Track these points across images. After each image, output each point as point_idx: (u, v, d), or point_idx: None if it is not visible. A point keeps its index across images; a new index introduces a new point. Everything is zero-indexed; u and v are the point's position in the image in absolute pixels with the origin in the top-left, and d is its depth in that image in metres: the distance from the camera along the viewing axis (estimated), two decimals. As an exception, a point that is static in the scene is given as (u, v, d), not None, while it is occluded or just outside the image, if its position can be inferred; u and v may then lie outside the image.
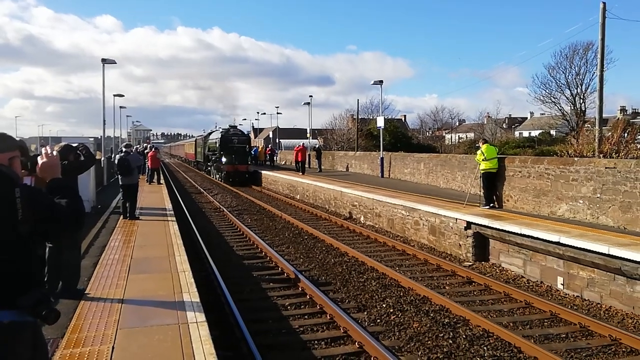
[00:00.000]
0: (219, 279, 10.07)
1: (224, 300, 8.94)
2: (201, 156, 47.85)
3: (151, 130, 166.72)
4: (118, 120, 55.07)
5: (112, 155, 29.84)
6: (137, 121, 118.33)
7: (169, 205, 17.51)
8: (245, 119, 44.07)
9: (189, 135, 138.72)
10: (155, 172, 26.80)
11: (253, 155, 42.89)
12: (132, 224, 13.35)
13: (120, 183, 14.31)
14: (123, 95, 42.81)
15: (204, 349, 5.03)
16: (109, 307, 6.59)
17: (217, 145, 36.84)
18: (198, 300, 6.76)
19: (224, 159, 34.77)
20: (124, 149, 14.89)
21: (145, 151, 28.76)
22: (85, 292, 7.28)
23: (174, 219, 14.28)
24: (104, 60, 27.18)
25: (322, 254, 13.01)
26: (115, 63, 27.91)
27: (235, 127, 38.99)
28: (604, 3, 22.21)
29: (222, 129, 40.24)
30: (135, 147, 29.78)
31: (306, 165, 34.15)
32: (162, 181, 27.07)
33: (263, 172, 35.09)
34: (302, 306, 8.97)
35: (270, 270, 11.42)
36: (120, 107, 54.32)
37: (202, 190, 30.98)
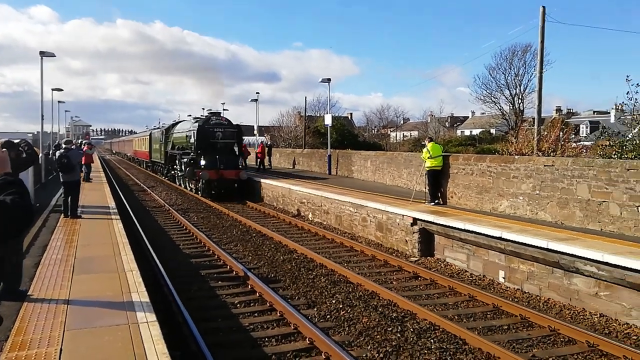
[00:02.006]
0: (166, 278, 9.90)
1: (171, 299, 8.82)
2: (161, 156, 34.72)
3: (91, 125, 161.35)
4: (56, 115, 52.93)
5: (51, 152, 28.81)
6: (76, 116, 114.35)
7: (112, 203, 17.04)
8: (190, 115, 41.59)
9: (132, 131, 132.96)
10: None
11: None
12: (74, 223, 12.92)
13: (62, 180, 13.84)
14: (62, 90, 41.21)
15: (156, 349, 4.95)
16: (54, 309, 6.37)
17: (191, 141, 25.41)
18: (148, 299, 6.62)
19: (202, 162, 23.68)
20: (63, 146, 14.40)
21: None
22: (28, 293, 7.02)
23: (117, 217, 13.90)
24: (42, 53, 26.18)
25: (271, 252, 12.99)
26: (55, 56, 26.94)
27: (217, 113, 26.45)
28: (544, 7, 23.09)
29: (197, 118, 28.90)
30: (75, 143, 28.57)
31: (252, 163, 33.87)
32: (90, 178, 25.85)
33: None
34: (252, 304, 8.94)
35: (218, 269, 11.31)
36: (59, 101, 52.36)
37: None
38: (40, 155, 25.76)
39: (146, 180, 36.11)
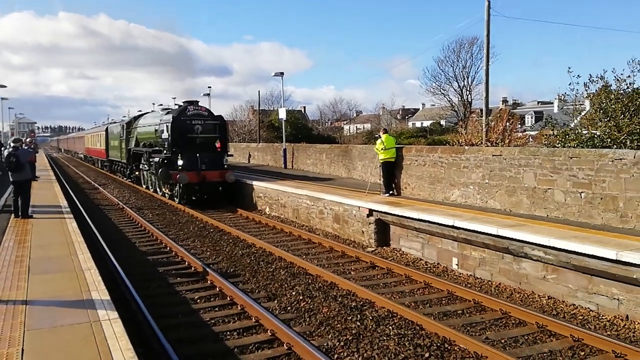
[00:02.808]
0: (123, 276, 9.82)
1: (130, 297, 8.76)
2: (121, 154, 29.92)
3: (36, 122, 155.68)
4: (-1, 112, 50.99)
5: (-4, 151, 27.76)
6: (20, 113, 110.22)
7: (63, 202, 16.65)
8: (140, 111, 40.41)
9: (80, 128, 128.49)
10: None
11: None
12: (26, 223, 12.59)
13: (11, 179, 13.45)
14: (5, 86, 39.76)
15: (120, 345, 4.97)
16: (12, 309, 6.28)
17: (164, 136, 21.40)
18: (108, 297, 6.60)
19: (180, 162, 19.82)
20: (12, 144, 13.98)
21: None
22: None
23: (71, 216, 13.62)
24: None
25: (229, 247, 13.02)
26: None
27: (195, 102, 21.82)
28: (489, 1, 23.75)
29: (168, 108, 25.62)
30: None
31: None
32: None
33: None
34: (212, 299, 8.99)
35: (177, 265, 11.27)
36: (2, 98, 50.45)
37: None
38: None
39: (102, 180, 35.16)
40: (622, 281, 7.82)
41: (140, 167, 25.61)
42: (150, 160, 22.64)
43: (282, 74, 31.52)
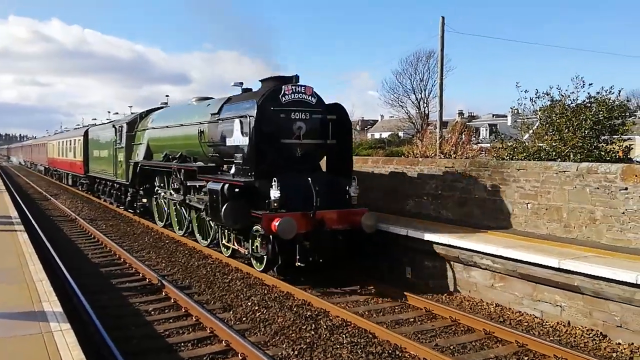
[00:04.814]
0: (74, 287, 9.67)
1: (81, 309, 8.64)
2: (116, 169, 20.29)
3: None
4: (-55, 119, 48.80)
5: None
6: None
7: (14, 212, 16.22)
8: (95, 119, 38.12)
9: (31, 136, 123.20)
10: None
11: None
12: (-28, 235, 12.22)
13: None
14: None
15: (72, 355, 4.95)
16: (-42, 322, 6.13)
17: (233, 141, 11.28)
18: (60, 308, 6.53)
19: (275, 192, 9.92)
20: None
21: None
22: None
23: (21, 227, 13.29)
24: None
25: (185, 258, 12.93)
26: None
27: (292, 78, 11.20)
28: (443, 17, 24.58)
29: (208, 97, 15.35)
30: None
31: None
32: None
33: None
34: (167, 310, 8.95)
35: (131, 277, 11.15)
36: (-52, 105, 48.39)
37: None
38: None
39: (54, 191, 34.10)
40: (564, 288, 8.18)
41: (157, 192, 16.95)
42: (192, 185, 13.36)
43: (241, 83, 31.29)
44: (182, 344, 7.43)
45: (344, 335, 7.73)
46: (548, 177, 10.33)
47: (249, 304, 9.22)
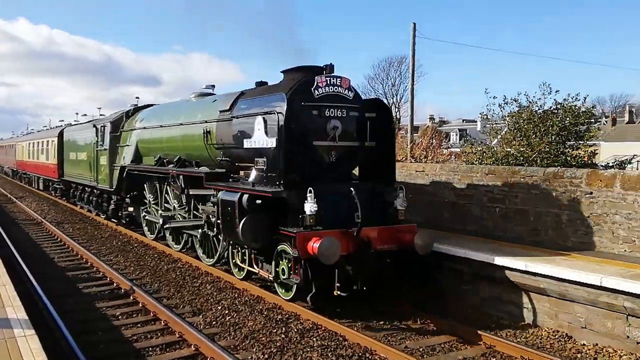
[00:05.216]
0: (39, 291, 9.46)
1: (47, 315, 8.46)
2: (98, 174, 18.27)
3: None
4: None
5: None
6: None
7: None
8: (62, 120, 36.96)
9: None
10: None
11: None
12: None
13: None
14: None
15: (36, 362, 4.84)
16: None
17: (253, 142, 9.45)
18: (24, 313, 6.37)
19: (310, 206, 8.28)
20: None
21: None
22: None
23: (-17, 230, 12.96)
24: None
25: (154, 261, 12.76)
26: None
27: (325, 68, 9.48)
28: (414, 24, 25.01)
29: (213, 93, 14.04)
30: None
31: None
32: None
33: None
34: (135, 315, 8.81)
35: (98, 281, 10.95)
36: None
37: None
38: None
39: (19, 193, 33.27)
40: (532, 291, 8.34)
41: (147, 201, 15.15)
42: (196, 194, 11.57)
43: (213, 86, 31.18)
44: (151, 349, 7.33)
45: (314, 339, 7.68)
46: (515, 182, 10.54)
47: (219, 307, 9.13)
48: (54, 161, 25.07)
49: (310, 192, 8.30)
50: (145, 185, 15.14)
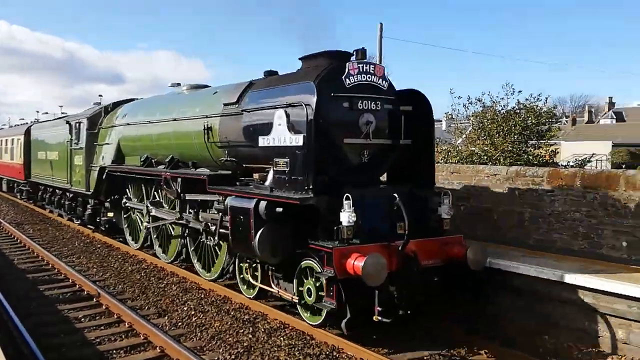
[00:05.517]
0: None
1: (6, 317, 8.24)
2: (72, 175, 16.47)
3: None
4: None
5: None
6: None
7: None
8: (22, 119, 35.67)
9: None
10: None
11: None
12: None
13: None
14: None
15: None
16: None
17: (270, 141, 7.98)
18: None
19: (348, 215, 6.96)
20: None
21: None
22: None
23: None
24: None
25: (118, 263, 12.54)
26: None
27: (361, 51, 7.95)
28: (381, 24, 25.41)
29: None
30: None
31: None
32: None
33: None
34: (98, 317, 8.66)
35: (60, 283, 10.71)
36: None
37: None
38: None
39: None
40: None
41: (129, 205, 13.80)
42: (195, 199, 10.38)
43: (178, 84, 30.81)
44: (115, 351, 7.21)
45: (281, 338, 7.67)
46: (480, 180, 10.70)
47: (185, 308, 9.03)
48: (19, 161, 23.33)
49: (348, 198, 7.04)
50: (128, 188, 13.77)
